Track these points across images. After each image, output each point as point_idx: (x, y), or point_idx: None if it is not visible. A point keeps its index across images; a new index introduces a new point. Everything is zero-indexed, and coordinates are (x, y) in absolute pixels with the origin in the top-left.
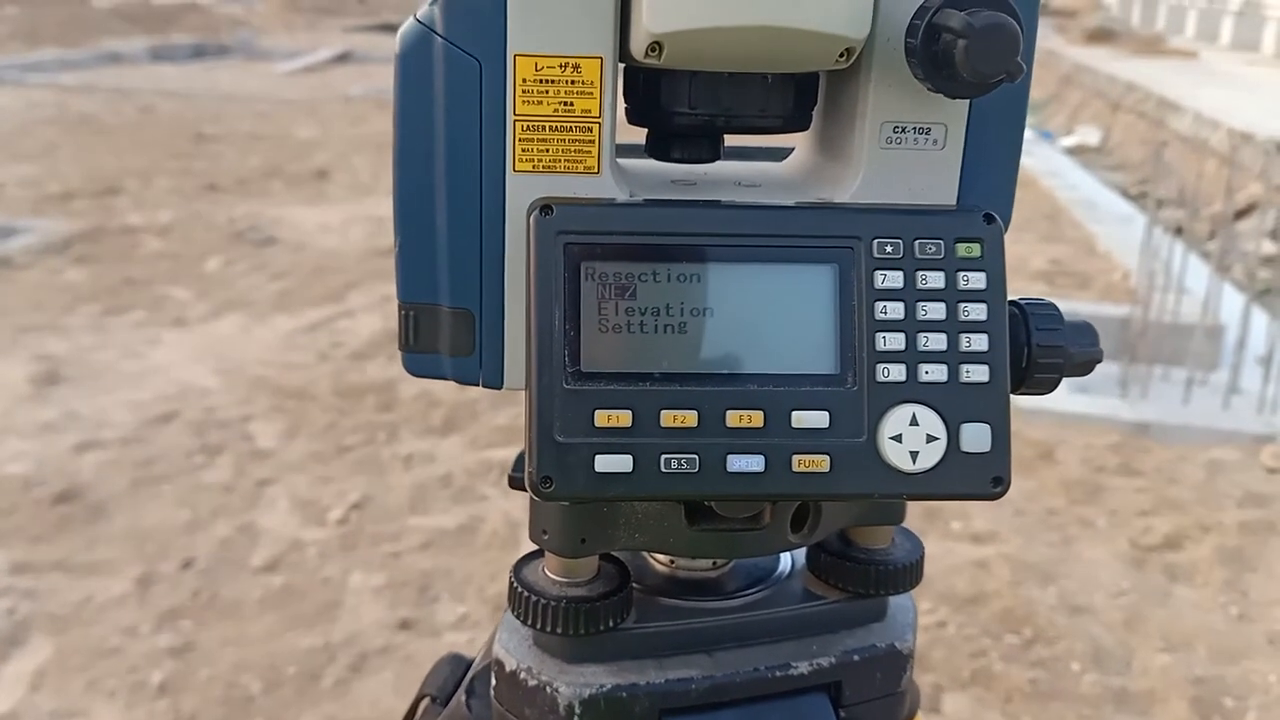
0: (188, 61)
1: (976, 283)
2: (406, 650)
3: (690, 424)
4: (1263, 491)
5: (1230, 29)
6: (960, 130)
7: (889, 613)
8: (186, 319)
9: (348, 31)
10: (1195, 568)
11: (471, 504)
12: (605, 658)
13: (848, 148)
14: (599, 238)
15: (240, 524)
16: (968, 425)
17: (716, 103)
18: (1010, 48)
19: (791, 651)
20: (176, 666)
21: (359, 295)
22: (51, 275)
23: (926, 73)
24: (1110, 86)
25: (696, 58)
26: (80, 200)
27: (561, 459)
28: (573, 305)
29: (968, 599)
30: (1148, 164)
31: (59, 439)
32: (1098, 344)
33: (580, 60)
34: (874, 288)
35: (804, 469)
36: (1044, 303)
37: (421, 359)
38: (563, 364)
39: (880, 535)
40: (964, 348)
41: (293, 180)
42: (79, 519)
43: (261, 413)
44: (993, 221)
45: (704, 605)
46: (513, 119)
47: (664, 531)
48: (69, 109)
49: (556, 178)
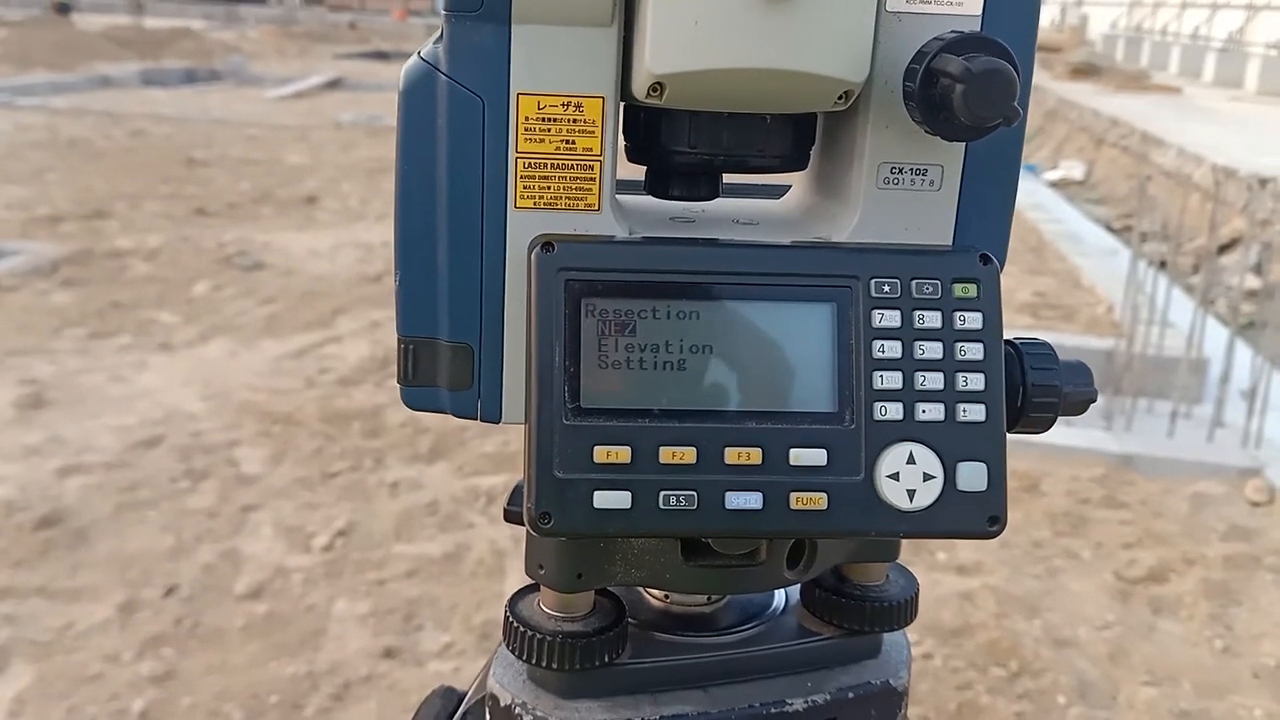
0: (179, 86)
1: (973, 322)
2: (390, 679)
3: (689, 460)
4: (1247, 525)
5: (1213, 65)
6: (956, 171)
7: (883, 649)
8: (173, 343)
9: (339, 58)
10: (1180, 601)
11: (458, 532)
12: (601, 693)
13: (845, 187)
14: (600, 274)
15: (224, 550)
16: (964, 464)
17: (716, 142)
18: (1007, 93)
19: (786, 688)
20: (158, 694)
21: (347, 321)
22: (39, 298)
23: (924, 116)
24: (1094, 121)
25: (697, 98)
26: (69, 223)
27: (560, 494)
28: (573, 341)
29: (953, 630)
30: (1132, 198)
31: (43, 463)
32: (1092, 384)
33: (583, 99)
34: (872, 326)
35: (802, 506)
36: (1038, 342)
37: (420, 393)
38: (563, 399)
39: (875, 572)
40: (960, 387)
41: (282, 205)
42: (62, 544)
43: (248, 438)
44: (989, 262)
45: (699, 641)
46: (515, 156)
47: (660, 567)
48: (59, 132)
49: (557, 214)
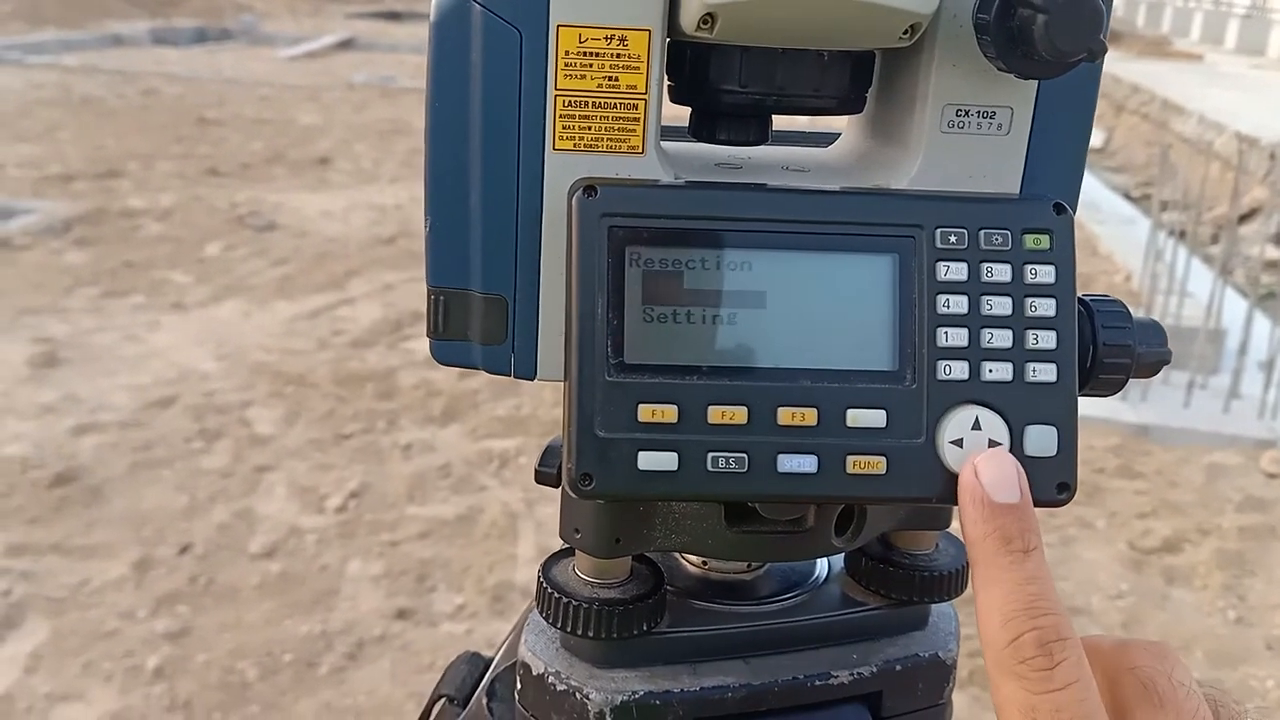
0: (190, 45)
1: (1045, 276)
2: (404, 639)
3: (739, 421)
4: (1262, 496)
5: (1236, 32)
6: (1027, 114)
7: (931, 621)
8: (186, 303)
9: (351, 18)
10: (1194, 571)
11: (470, 494)
12: (637, 663)
13: (905, 132)
14: (645, 221)
15: (238, 510)
16: (1033, 428)
17: (769, 81)
18: (1094, 24)
19: (831, 659)
20: (173, 651)
21: (360, 283)
22: (52, 257)
23: (999, 50)
24: (1115, 88)
25: (751, 32)
26: (81, 182)
27: (602, 455)
28: (616, 293)
29: (965, 598)
30: (1151, 166)
31: (58, 421)
32: (1166, 344)
33: (627, 32)
34: (936, 279)
35: (859, 471)
36: (1110, 299)
37: (450, 347)
38: (605, 355)
39: (924, 540)
40: (1030, 345)
41: (295, 166)
42: (77, 501)
43: (261, 399)
44: (1063, 212)
45: (740, 610)
46: (554, 94)
47: (702, 533)
48: (71, 90)
49: (598, 157)
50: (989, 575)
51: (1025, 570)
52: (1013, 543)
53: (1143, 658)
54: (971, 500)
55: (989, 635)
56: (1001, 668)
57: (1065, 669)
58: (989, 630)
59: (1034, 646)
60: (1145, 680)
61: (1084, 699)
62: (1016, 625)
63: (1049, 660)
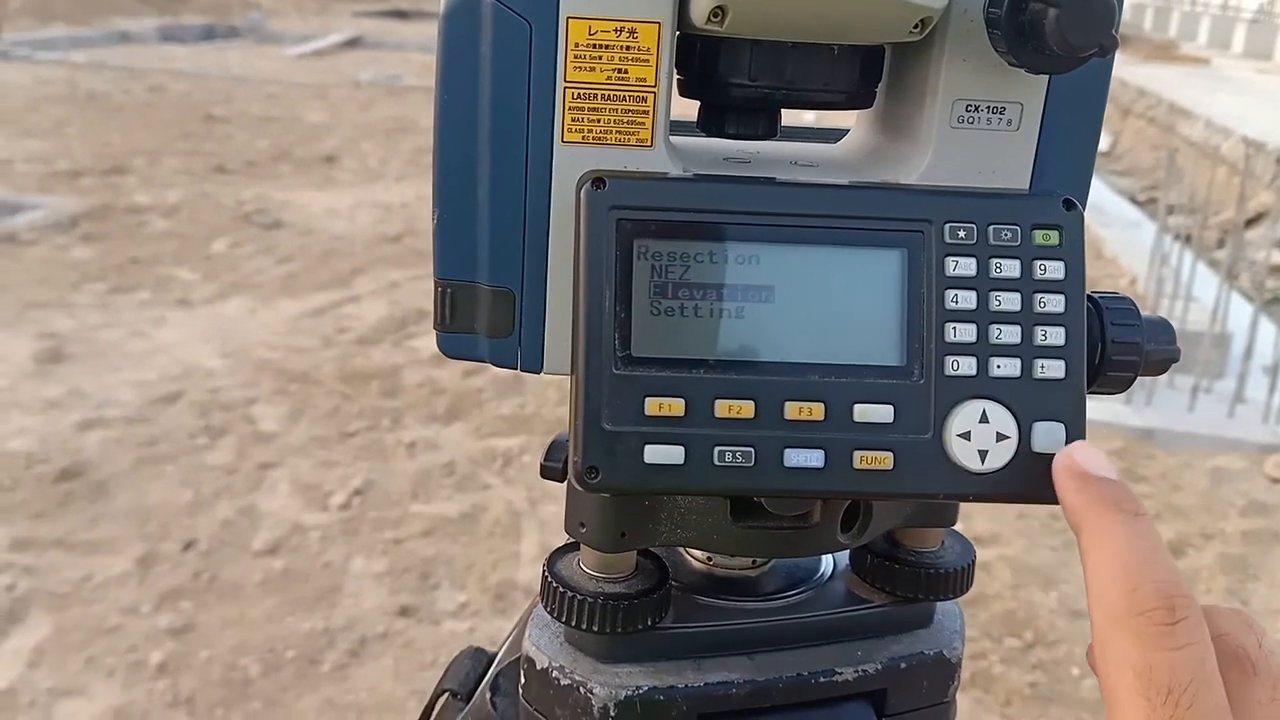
0: (198, 42)
1: (1054, 272)
2: (407, 636)
3: (746, 415)
4: (1266, 501)
5: (1243, 37)
6: (1037, 110)
7: (936, 619)
8: (192, 300)
9: (358, 16)
10: (1198, 575)
11: (474, 492)
12: (642, 658)
13: (915, 127)
14: (654, 214)
15: (242, 506)
16: (1040, 424)
17: (779, 74)
18: (1105, 19)
19: (835, 656)
20: (176, 647)
21: (365, 281)
22: (58, 252)
23: (1010, 45)
24: (1121, 91)
25: (762, 25)
26: (88, 178)
27: (609, 448)
28: (624, 285)
29: (968, 600)
30: (1157, 170)
31: (63, 416)
32: (1175, 341)
33: (637, 25)
34: (945, 275)
35: (866, 466)
36: (1118, 296)
37: (457, 339)
38: (612, 348)
39: (930, 537)
40: (1039, 341)
41: (301, 164)
42: (81, 497)
43: (265, 396)
44: (1073, 208)
45: (744, 606)
46: (563, 86)
47: (708, 527)
48: (79, 87)
49: (607, 150)
50: (1099, 538)
51: (1139, 528)
52: (1123, 504)
53: (1229, 624)
54: (1069, 474)
55: (1101, 592)
56: (1118, 622)
57: (1186, 627)
58: (1101, 586)
59: (1155, 598)
60: (1235, 648)
61: (1204, 660)
62: (1136, 578)
63: (1170, 615)
